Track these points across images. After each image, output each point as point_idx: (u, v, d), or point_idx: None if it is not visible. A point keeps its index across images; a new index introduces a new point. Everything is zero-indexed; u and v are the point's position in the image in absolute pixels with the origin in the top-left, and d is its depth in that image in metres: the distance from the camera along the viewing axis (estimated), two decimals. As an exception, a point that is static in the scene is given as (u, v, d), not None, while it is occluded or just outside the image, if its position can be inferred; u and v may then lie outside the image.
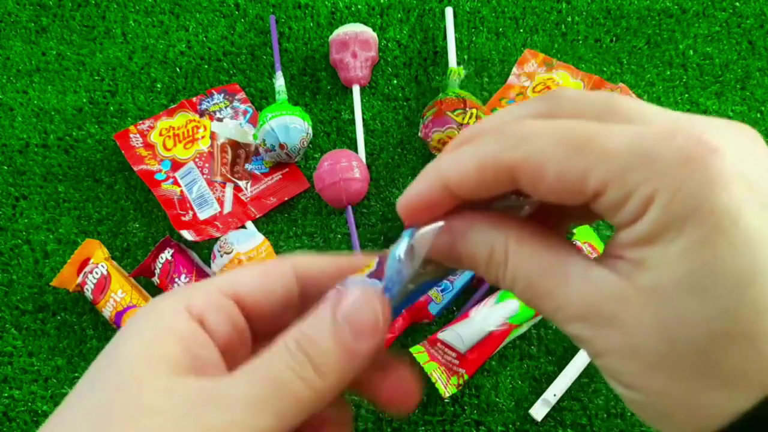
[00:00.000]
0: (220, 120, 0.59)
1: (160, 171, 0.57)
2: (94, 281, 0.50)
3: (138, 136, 0.59)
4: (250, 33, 0.64)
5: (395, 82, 0.61)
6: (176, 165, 0.57)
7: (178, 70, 0.63)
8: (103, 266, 0.50)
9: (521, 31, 0.63)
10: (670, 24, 0.62)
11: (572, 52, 0.62)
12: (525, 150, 0.15)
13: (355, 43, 0.59)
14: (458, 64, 0.60)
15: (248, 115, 0.60)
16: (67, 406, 0.16)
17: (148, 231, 0.55)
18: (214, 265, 0.50)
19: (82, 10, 0.66)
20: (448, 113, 0.52)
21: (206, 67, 0.63)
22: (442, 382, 0.46)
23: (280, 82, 0.59)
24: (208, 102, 0.60)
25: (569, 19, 0.63)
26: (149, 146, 0.58)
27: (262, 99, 0.61)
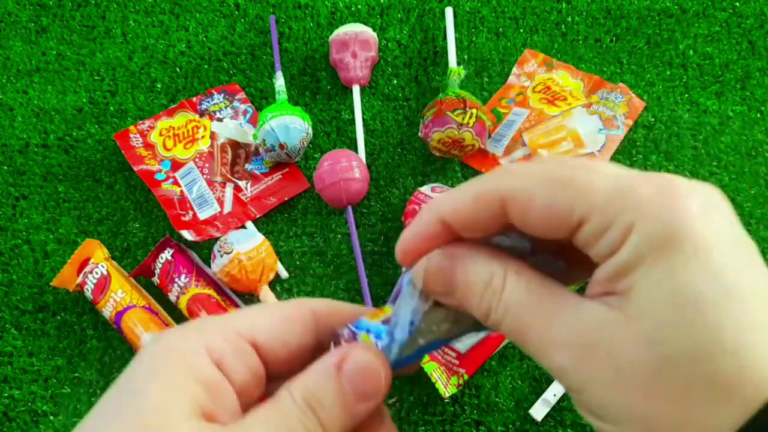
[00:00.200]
0: (220, 120, 0.59)
1: (160, 171, 0.57)
2: (94, 281, 0.50)
3: (138, 136, 0.59)
4: (250, 33, 0.64)
5: (395, 82, 0.61)
6: (176, 165, 0.57)
7: (178, 70, 0.63)
8: (103, 266, 0.50)
9: (521, 31, 0.63)
10: (670, 24, 0.62)
11: (572, 52, 0.62)
12: (517, 183, 0.17)
13: (355, 43, 0.59)
14: (458, 64, 0.60)
15: (248, 115, 0.60)
16: None
17: (148, 231, 0.55)
18: (214, 265, 0.50)
19: (82, 10, 0.66)
20: (448, 113, 0.52)
21: (206, 67, 0.63)
22: (442, 382, 0.46)
23: (280, 82, 0.59)
24: (208, 102, 0.60)
25: (569, 19, 0.63)
26: (149, 146, 0.58)
27: (262, 99, 0.61)
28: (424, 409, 0.48)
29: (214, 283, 0.51)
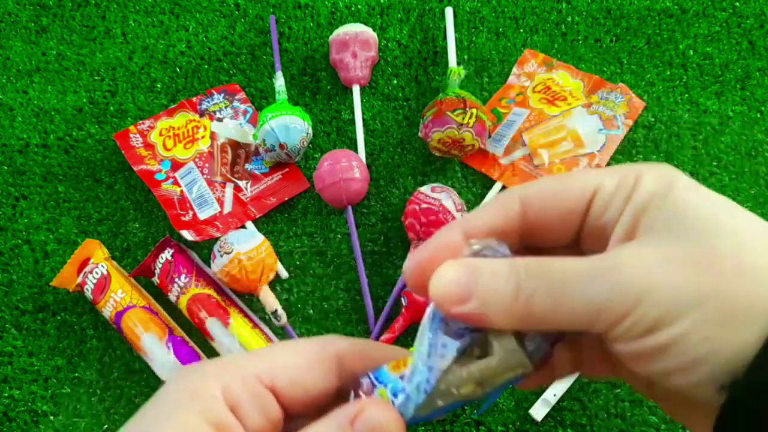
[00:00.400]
0: (220, 120, 0.59)
1: (160, 171, 0.57)
2: (94, 281, 0.50)
3: (138, 136, 0.59)
4: (250, 33, 0.64)
5: (395, 82, 0.61)
6: (176, 165, 0.57)
7: (178, 70, 0.63)
8: (103, 266, 0.50)
9: (521, 31, 0.63)
10: (670, 24, 0.62)
11: (572, 52, 0.62)
12: (531, 185, 0.20)
13: (355, 43, 0.59)
14: (458, 64, 0.60)
15: (248, 115, 0.60)
16: None
17: (148, 231, 0.55)
18: (214, 265, 0.50)
19: (82, 10, 0.66)
20: (448, 113, 0.52)
21: (206, 67, 0.63)
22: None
23: (280, 82, 0.59)
24: (208, 102, 0.60)
25: (569, 19, 0.63)
26: (149, 146, 0.58)
27: (262, 99, 0.61)
28: (424, 409, 0.48)
29: (214, 283, 0.51)
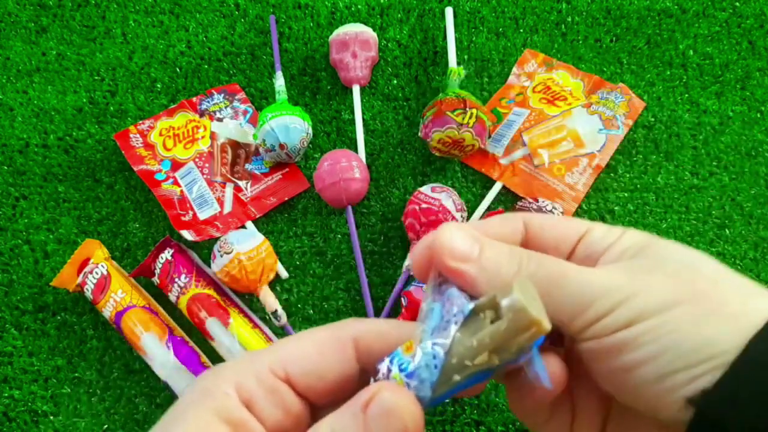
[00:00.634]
0: (220, 120, 0.59)
1: (160, 171, 0.57)
2: (94, 281, 0.50)
3: (138, 136, 0.59)
4: (250, 33, 0.64)
5: (395, 82, 0.61)
6: (176, 165, 0.57)
7: (178, 70, 0.63)
8: (103, 266, 0.50)
9: (521, 31, 0.63)
10: (670, 24, 0.62)
11: (572, 52, 0.62)
12: (539, 215, 0.23)
13: (355, 43, 0.59)
14: (458, 64, 0.60)
15: (248, 115, 0.60)
16: None
17: (148, 231, 0.55)
18: (214, 265, 0.50)
19: (82, 10, 0.66)
20: (448, 113, 0.52)
21: (206, 67, 0.63)
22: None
23: (280, 82, 0.59)
24: (208, 102, 0.60)
25: (569, 19, 0.63)
26: (149, 146, 0.58)
27: (262, 99, 0.61)
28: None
29: (214, 283, 0.51)
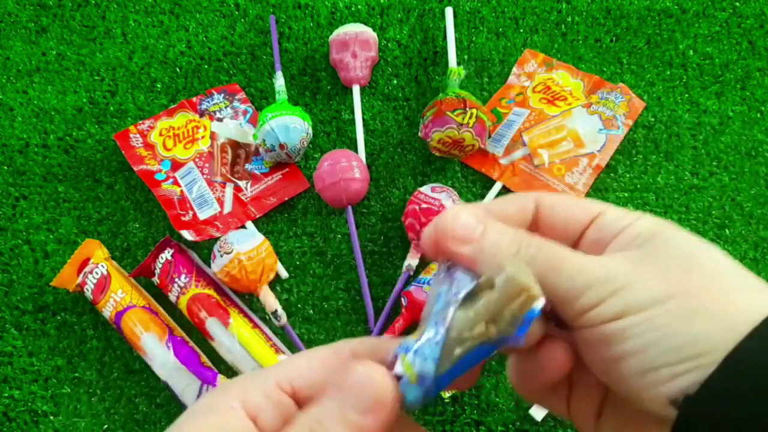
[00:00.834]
0: (220, 120, 0.59)
1: (160, 171, 0.57)
2: (94, 281, 0.50)
3: (138, 136, 0.59)
4: (250, 33, 0.64)
5: (395, 82, 0.61)
6: (176, 165, 0.57)
7: (178, 70, 0.63)
8: (103, 266, 0.50)
9: (521, 31, 0.63)
10: (670, 24, 0.62)
11: (572, 52, 0.62)
12: (552, 194, 0.23)
13: (355, 43, 0.59)
14: (458, 64, 0.60)
15: (248, 115, 0.60)
16: None
17: (148, 231, 0.55)
18: (214, 265, 0.50)
19: (82, 10, 0.66)
20: (448, 113, 0.52)
21: (206, 67, 0.63)
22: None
23: (280, 82, 0.59)
24: (208, 102, 0.60)
25: (569, 19, 0.63)
26: (149, 146, 0.58)
27: (262, 99, 0.61)
28: (424, 409, 0.48)
29: (214, 283, 0.51)
